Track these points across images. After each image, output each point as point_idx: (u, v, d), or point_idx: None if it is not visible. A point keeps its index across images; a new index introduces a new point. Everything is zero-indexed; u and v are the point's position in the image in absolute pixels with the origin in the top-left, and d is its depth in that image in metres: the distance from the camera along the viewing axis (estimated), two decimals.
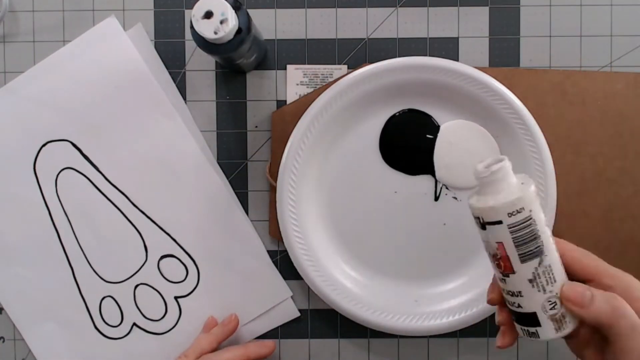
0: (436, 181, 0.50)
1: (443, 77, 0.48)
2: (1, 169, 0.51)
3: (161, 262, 0.51)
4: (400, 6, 0.51)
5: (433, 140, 0.50)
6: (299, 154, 0.49)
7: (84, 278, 0.52)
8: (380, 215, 0.51)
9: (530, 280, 0.36)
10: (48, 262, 0.51)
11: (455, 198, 0.50)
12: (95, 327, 0.52)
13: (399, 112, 0.50)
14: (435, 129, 0.50)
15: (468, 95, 0.48)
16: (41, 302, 0.52)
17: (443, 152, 0.50)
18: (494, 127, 0.49)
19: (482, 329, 0.51)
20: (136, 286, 0.52)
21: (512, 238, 0.35)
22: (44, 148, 0.51)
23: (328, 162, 0.51)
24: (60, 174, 0.51)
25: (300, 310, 0.52)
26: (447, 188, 0.50)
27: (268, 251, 0.52)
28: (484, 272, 0.49)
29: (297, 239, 0.49)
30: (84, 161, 0.51)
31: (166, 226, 0.51)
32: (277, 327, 0.52)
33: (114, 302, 0.52)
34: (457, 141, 0.50)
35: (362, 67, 0.48)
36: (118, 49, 0.51)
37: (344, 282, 0.50)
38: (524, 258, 0.35)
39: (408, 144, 0.50)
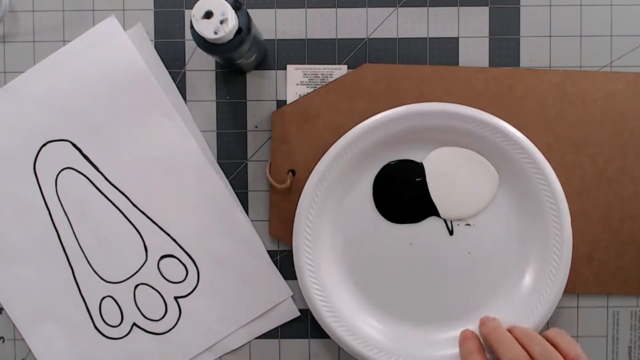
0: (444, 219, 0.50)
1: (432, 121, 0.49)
2: (1, 169, 0.51)
3: (161, 262, 0.51)
4: (400, 6, 0.51)
5: (423, 181, 0.50)
6: (310, 212, 0.49)
7: (84, 278, 0.52)
8: (400, 266, 0.51)
9: None
10: (48, 262, 0.51)
11: (468, 225, 0.50)
12: (95, 327, 0.52)
13: (381, 169, 0.50)
14: (420, 169, 0.50)
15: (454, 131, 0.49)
16: (41, 302, 0.52)
17: (437, 185, 0.50)
18: (495, 160, 0.50)
19: None
20: (136, 286, 0.52)
21: None
22: (44, 148, 0.51)
23: (338, 222, 0.51)
24: (60, 174, 0.51)
25: (300, 310, 0.52)
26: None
27: (268, 251, 0.52)
28: (512, 307, 0.49)
29: (319, 297, 0.49)
30: (84, 161, 0.51)
31: (166, 226, 0.51)
32: (277, 327, 0.52)
33: (113, 302, 0.52)
34: (447, 170, 0.50)
35: (352, 129, 0.48)
36: (118, 49, 0.51)
37: (370, 332, 0.50)
38: None
39: (401, 195, 0.50)
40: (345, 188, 0.50)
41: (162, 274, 0.51)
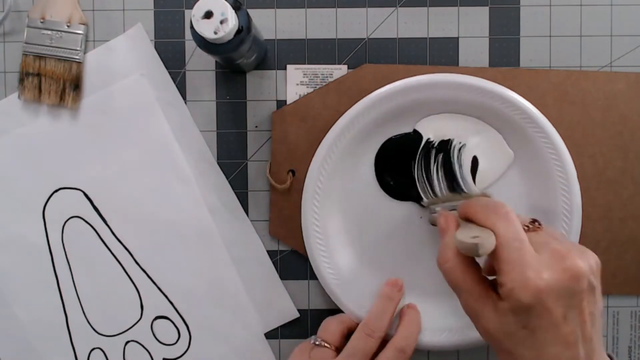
0: None
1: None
2: (11, 208, 0.51)
3: (155, 322, 0.51)
4: (400, 6, 0.51)
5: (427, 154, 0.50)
6: (317, 192, 0.49)
7: (77, 327, 0.51)
8: (409, 240, 0.51)
9: None
10: (44, 306, 0.51)
11: None
12: None
13: (382, 144, 0.50)
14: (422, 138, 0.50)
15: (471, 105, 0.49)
16: (30, 344, 0.51)
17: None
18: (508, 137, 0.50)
19: None
20: (127, 342, 0.51)
21: None
22: (55, 194, 0.51)
23: (346, 199, 0.51)
24: (68, 222, 0.51)
25: (300, 311, 0.52)
26: None
27: (268, 251, 0.52)
28: None
29: (329, 272, 0.49)
30: (94, 212, 0.51)
31: (165, 288, 0.51)
32: (277, 328, 0.52)
33: (103, 355, 0.51)
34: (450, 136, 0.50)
35: (362, 100, 0.48)
36: (144, 109, 0.51)
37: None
38: None
39: (404, 172, 0.50)
40: (351, 165, 0.50)
41: (154, 334, 0.51)
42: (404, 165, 0.50)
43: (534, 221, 0.39)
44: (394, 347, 0.46)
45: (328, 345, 0.46)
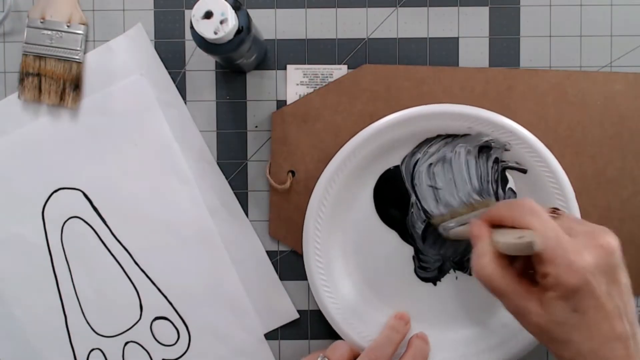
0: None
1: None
2: (11, 209, 0.51)
3: (154, 323, 0.51)
4: (400, 6, 0.51)
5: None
6: (319, 222, 0.49)
7: (76, 327, 0.51)
8: (409, 269, 0.51)
9: None
10: (43, 307, 0.51)
11: None
12: None
13: (380, 175, 0.50)
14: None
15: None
16: (30, 345, 0.51)
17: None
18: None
19: None
20: (126, 343, 0.51)
21: None
22: (55, 194, 0.51)
23: (347, 228, 0.51)
24: (68, 222, 0.51)
25: (300, 311, 0.52)
26: None
27: (268, 252, 0.52)
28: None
29: (331, 300, 0.49)
30: (93, 213, 0.51)
31: (164, 288, 0.51)
32: (277, 329, 0.52)
33: (102, 355, 0.51)
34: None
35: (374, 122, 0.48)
36: (146, 109, 0.51)
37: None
38: None
39: (402, 204, 0.50)
40: (352, 194, 0.50)
41: (153, 335, 0.51)
42: (401, 196, 0.50)
43: (554, 210, 0.40)
44: None
45: None
